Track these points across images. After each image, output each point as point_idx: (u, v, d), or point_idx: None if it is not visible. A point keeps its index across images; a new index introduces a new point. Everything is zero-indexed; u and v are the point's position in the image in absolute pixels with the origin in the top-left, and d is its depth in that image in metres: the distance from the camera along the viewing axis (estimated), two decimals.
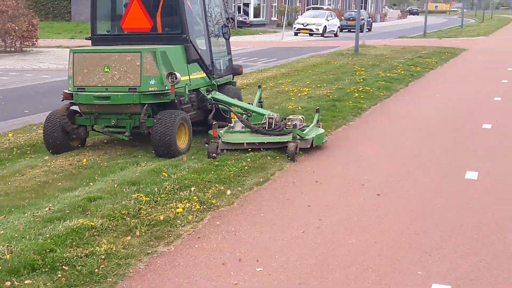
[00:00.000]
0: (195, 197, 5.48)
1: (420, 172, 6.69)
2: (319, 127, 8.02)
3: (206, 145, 7.51)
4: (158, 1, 7.79)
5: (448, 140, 8.33)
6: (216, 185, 5.92)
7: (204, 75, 8.14)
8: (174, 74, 7.08)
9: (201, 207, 5.31)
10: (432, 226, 5.04)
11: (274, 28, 44.45)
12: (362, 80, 14.21)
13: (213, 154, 6.93)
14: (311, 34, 36.64)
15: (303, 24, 37.20)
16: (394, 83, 13.91)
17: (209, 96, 8.11)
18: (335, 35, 38.15)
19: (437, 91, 13.25)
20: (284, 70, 16.89)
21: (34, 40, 22.85)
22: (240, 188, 5.95)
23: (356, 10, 38.85)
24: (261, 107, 8.79)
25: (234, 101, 8.38)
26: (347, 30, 41.16)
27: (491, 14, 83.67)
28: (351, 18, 40.72)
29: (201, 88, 8.07)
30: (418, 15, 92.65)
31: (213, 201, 5.46)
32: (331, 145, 7.89)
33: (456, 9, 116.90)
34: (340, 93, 12.12)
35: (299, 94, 12.07)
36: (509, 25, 58.88)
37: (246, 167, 6.60)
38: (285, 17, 36.48)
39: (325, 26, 37.21)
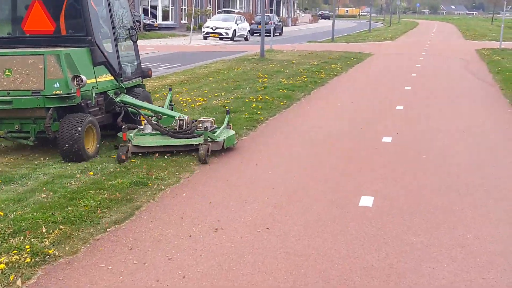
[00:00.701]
0: (27, 246, 4.38)
1: (313, 197, 5.86)
2: (230, 128, 7.99)
3: (116, 148, 7.25)
4: (61, 2, 7.58)
5: (346, 157, 7.61)
6: (62, 226, 4.82)
7: (112, 77, 7.97)
8: (80, 77, 6.91)
9: (32, 260, 4.21)
10: (315, 274, 4.20)
11: (184, 31, 43.27)
12: (263, 88, 13.44)
13: (124, 157, 6.86)
14: (221, 38, 35.83)
15: (212, 28, 36.37)
16: (296, 91, 13.23)
17: (117, 99, 7.95)
18: (246, 39, 37.55)
19: (339, 100, 12.67)
20: (184, 77, 15.86)
21: None
22: (92, 230, 4.89)
23: (267, 14, 38.55)
24: (172, 110, 8.59)
25: (143, 103, 8.25)
26: (258, 34, 40.57)
27: (398, 19, 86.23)
28: None
29: (109, 91, 7.91)
30: (329, 19, 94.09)
31: (50, 251, 4.36)
32: (212, 170, 6.98)
33: (365, 13, 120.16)
34: (238, 103, 11.27)
35: (192, 105, 11.09)
36: (415, 29, 60.63)
37: (107, 199, 5.56)
38: (192, 21, 35.42)
39: (235, 30, 36.56)
